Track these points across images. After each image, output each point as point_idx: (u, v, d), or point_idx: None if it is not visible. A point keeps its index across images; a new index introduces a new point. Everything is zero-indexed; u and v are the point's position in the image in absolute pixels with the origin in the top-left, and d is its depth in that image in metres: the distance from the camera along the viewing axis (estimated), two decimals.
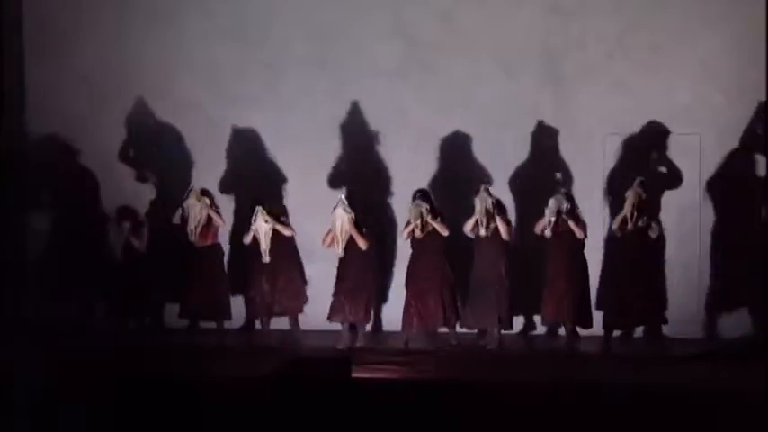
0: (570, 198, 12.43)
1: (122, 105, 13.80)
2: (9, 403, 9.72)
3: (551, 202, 12.28)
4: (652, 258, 12.37)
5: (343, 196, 12.56)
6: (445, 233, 12.42)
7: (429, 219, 12.40)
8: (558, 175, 12.63)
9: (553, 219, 12.22)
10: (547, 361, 11.92)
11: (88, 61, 13.82)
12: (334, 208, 12.46)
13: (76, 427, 9.51)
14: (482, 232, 12.33)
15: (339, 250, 12.45)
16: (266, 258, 12.55)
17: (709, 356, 11.77)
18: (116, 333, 12.79)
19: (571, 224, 12.23)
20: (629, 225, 12.14)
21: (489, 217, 12.30)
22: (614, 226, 12.34)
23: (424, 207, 12.42)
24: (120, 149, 13.81)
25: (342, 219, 12.43)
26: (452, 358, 11.87)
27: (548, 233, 12.24)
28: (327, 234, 12.50)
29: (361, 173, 13.63)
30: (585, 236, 12.31)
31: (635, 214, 12.16)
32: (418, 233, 12.43)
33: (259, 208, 12.63)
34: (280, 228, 12.67)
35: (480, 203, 12.32)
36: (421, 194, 12.54)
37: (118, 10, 13.85)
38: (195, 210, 12.62)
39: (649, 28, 13.25)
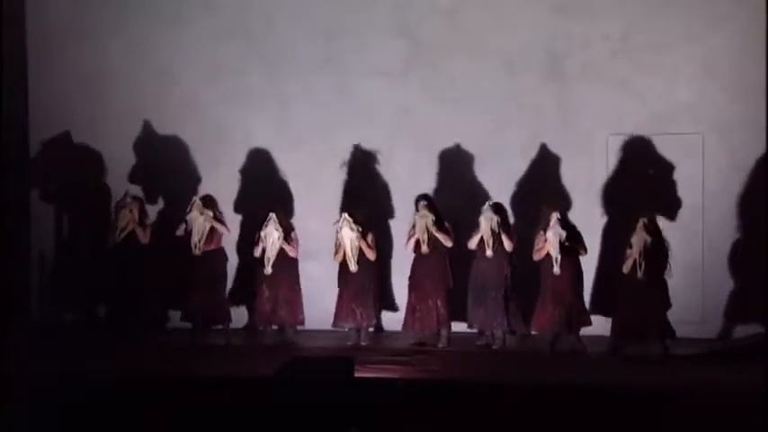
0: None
1: (126, 104, 13.83)
2: (11, 403, 9.73)
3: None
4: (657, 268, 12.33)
5: (346, 214, 12.51)
6: (449, 244, 12.40)
7: (434, 231, 12.37)
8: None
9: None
10: (551, 361, 11.94)
11: (90, 60, 13.86)
12: (340, 228, 12.42)
13: (78, 428, 9.53)
14: (489, 253, 12.21)
15: (353, 267, 12.41)
16: (268, 269, 12.50)
17: (713, 357, 11.79)
18: (119, 332, 12.81)
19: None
20: (639, 273, 11.96)
21: (495, 237, 12.24)
22: (625, 271, 12.12)
23: (430, 219, 12.38)
24: (129, 174, 13.84)
25: (350, 238, 12.39)
26: (456, 358, 11.87)
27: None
28: (337, 252, 12.51)
29: (363, 172, 13.64)
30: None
31: (643, 263, 11.99)
32: (425, 248, 12.36)
33: (272, 215, 12.57)
34: (286, 247, 12.60)
35: (486, 223, 12.23)
36: (426, 203, 12.46)
37: (120, 9, 13.89)
38: (198, 222, 12.54)
39: (653, 28, 13.23)
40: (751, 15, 12.88)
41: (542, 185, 13.26)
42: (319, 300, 12.78)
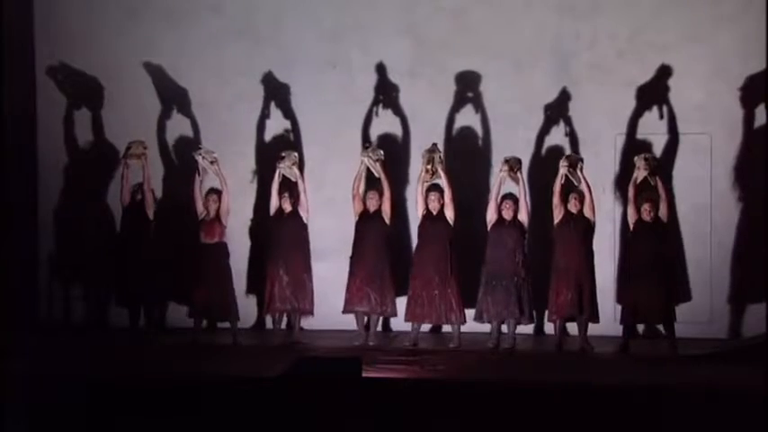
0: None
1: (132, 105, 13.84)
2: (14, 402, 9.73)
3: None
4: (660, 253, 12.30)
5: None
6: (448, 192, 12.37)
7: (441, 168, 12.41)
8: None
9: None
10: (558, 361, 11.94)
11: (98, 60, 13.86)
12: (361, 160, 12.64)
13: (79, 427, 9.53)
14: (505, 169, 12.34)
15: (378, 173, 12.52)
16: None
17: (720, 357, 11.78)
18: (125, 330, 12.81)
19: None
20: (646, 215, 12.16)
21: (513, 201, 12.37)
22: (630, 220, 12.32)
23: (438, 154, 12.46)
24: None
25: (371, 164, 12.58)
26: (464, 358, 11.87)
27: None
28: (355, 197, 12.61)
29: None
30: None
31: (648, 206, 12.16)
32: (427, 177, 12.41)
33: (286, 154, 12.78)
34: (300, 185, 12.64)
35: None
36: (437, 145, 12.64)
37: (128, 9, 13.88)
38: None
39: (660, 27, 13.25)
40: (759, 15, 12.86)
41: (550, 186, 13.21)
42: (328, 299, 12.77)
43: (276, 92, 13.84)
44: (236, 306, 12.73)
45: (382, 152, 12.72)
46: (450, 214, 12.47)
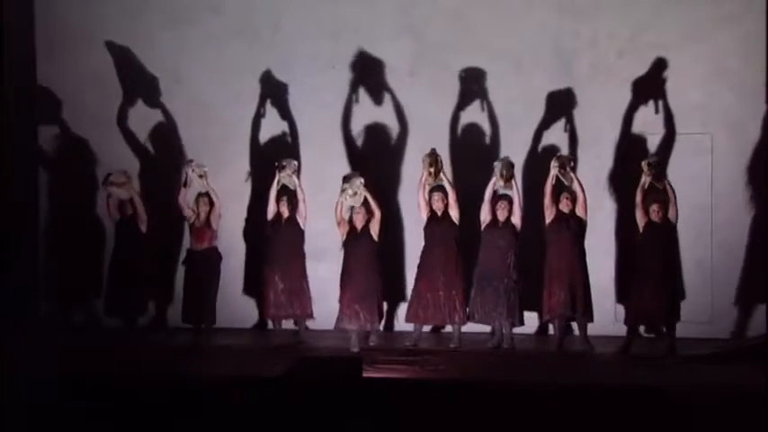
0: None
1: (133, 104, 13.86)
2: (14, 401, 9.73)
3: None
4: (669, 254, 12.31)
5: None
6: (452, 193, 12.39)
7: (443, 172, 12.43)
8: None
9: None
10: (558, 361, 11.93)
11: (99, 60, 13.87)
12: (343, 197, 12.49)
13: (79, 427, 9.53)
14: (500, 184, 12.34)
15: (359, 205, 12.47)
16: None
17: (720, 357, 11.78)
18: (122, 332, 12.81)
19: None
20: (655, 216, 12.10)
21: (509, 176, 12.36)
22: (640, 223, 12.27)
23: (440, 158, 12.48)
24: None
25: (355, 200, 12.48)
26: (464, 358, 11.88)
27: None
28: (340, 222, 12.53)
29: (371, 172, 13.63)
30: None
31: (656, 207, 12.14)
32: (430, 180, 12.42)
33: (287, 162, 12.74)
34: (299, 188, 12.65)
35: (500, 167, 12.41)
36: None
37: (129, 9, 13.89)
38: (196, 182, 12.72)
39: (661, 27, 13.25)
40: (759, 15, 12.88)
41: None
42: (327, 299, 12.77)
43: (275, 92, 13.85)
44: (213, 310, 12.63)
45: (362, 181, 12.52)
46: (454, 214, 12.47)
